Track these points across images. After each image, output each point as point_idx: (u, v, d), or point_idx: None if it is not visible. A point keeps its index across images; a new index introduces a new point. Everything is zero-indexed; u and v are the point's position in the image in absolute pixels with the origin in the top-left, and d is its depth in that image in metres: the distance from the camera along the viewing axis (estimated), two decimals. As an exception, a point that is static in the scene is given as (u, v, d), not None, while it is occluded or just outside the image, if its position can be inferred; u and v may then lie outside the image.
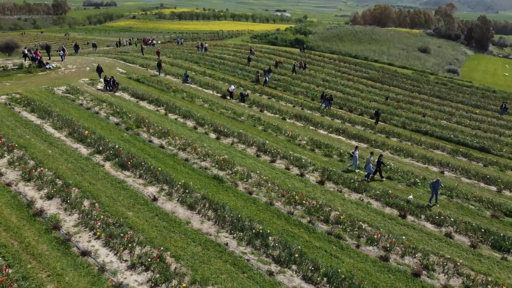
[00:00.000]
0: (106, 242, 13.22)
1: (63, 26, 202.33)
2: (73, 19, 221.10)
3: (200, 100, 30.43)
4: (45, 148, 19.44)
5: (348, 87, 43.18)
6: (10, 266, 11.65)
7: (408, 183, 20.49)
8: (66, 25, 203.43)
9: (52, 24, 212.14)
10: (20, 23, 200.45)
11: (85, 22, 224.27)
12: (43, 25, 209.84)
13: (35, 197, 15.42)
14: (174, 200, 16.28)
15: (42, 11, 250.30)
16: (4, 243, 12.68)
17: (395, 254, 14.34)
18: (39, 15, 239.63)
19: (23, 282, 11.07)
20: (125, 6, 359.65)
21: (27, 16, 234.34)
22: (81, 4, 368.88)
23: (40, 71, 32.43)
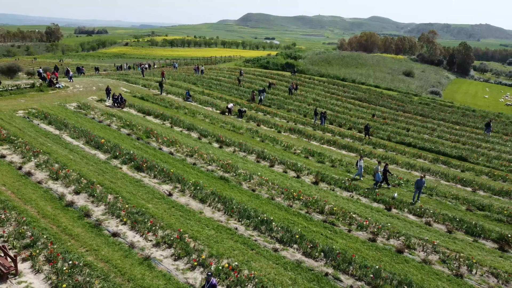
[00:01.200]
0: (132, 226, 15.25)
1: (56, 53, 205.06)
2: (66, 45, 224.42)
3: (201, 116, 32.83)
4: (67, 154, 21.53)
5: (337, 106, 46.05)
6: (54, 243, 13.60)
7: (393, 184, 22.88)
8: (59, 52, 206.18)
9: (45, 51, 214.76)
10: (13, 49, 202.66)
11: (78, 49, 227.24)
12: (36, 51, 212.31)
13: (64, 192, 17.44)
14: (187, 196, 18.41)
15: (35, 38, 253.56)
16: (44, 227, 14.64)
17: (382, 237, 16.55)
18: (32, 42, 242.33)
19: (67, 255, 13.00)
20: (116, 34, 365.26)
21: (20, 43, 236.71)
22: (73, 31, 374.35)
23: (50, 90, 34.69)
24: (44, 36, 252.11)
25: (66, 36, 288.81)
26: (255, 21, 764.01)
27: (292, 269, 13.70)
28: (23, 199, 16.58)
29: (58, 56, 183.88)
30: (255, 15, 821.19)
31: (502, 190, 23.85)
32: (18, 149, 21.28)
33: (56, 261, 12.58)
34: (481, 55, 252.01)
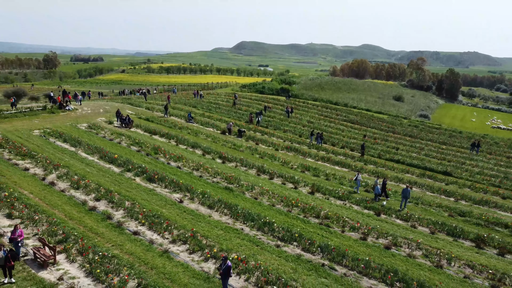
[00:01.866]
0: (150, 227, 17.15)
1: (54, 79, 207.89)
2: (63, 72, 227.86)
3: (203, 135, 35.01)
4: (84, 167, 23.51)
5: (330, 127, 48.54)
6: (83, 239, 15.44)
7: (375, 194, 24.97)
8: (56, 78, 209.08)
9: (42, 77, 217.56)
10: (11, 76, 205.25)
11: (75, 76, 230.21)
12: (34, 78, 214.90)
13: (86, 199, 19.37)
14: (196, 203, 20.38)
15: (33, 65, 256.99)
16: (73, 226, 16.51)
17: (371, 237, 18.55)
18: (30, 69, 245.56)
19: (96, 248, 14.85)
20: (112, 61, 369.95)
21: (18, 70, 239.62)
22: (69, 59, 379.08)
23: (61, 112, 36.83)
24: (41, 64, 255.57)
25: (63, 64, 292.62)
26: (249, 49, 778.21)
27: (293, 261, 15.62)
28: (50, 204, 18.46)
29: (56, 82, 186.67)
30: (248, 43, 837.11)
31: (482, 200, 26.07)
32: (40, 163, 23.23)
33: (87, 253, 14.43)
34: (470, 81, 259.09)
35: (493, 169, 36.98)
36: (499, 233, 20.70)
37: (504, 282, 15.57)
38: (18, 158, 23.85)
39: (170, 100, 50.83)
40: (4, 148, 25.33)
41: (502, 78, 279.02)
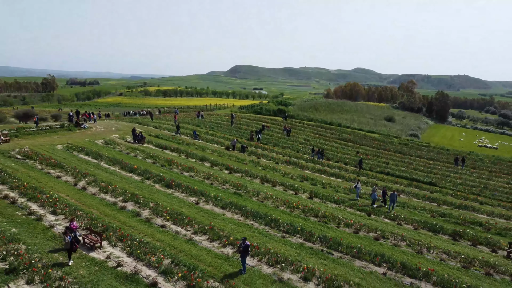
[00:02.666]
0: (174, 222, 20.08)
1: (52, 102, 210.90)
2: (61, 96, 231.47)
3: (209, 150, 38.15)
4: (108, 176, 26.49)
5: (325, 145, 51.91)
6: (120, 231, 18.33)
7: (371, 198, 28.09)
8: (55, 101, 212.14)
9: (40, 100, 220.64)
10: (10, 99, 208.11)
11: (73, 99, 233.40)
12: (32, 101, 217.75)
13: (115, 201, 22.31)
14: (210, 204, 23.36)
15: (31, 89, 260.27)
16: (108, 221, 19.40)
17: (363, 231, 21.58)
18: (28, 92, 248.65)
19: (133, 236, 17.74)
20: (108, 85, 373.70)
21: (16, 93, 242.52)
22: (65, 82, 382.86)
23: (77, 129, 39.90)
24: (39, 87, 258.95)
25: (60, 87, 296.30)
26: (243, 72, 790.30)
27: (296, 247, 18.60)
28: (86, 204, 21.37)
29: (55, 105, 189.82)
30: (243, 67, 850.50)
31: (462, 205, 29.31)
32: (69, 172, 26.18)
33: (126, 239, 17.31)
34: (460, 103, 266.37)
35: (475, 181, 40.34)
36: (474, 230, 23.83)
37: (473, 264, 18.62)
38: (49, 168, 26.79)
39: (177, 119, 54.12)
40: (35, 160, 28.28)
41: (491, 100, 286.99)
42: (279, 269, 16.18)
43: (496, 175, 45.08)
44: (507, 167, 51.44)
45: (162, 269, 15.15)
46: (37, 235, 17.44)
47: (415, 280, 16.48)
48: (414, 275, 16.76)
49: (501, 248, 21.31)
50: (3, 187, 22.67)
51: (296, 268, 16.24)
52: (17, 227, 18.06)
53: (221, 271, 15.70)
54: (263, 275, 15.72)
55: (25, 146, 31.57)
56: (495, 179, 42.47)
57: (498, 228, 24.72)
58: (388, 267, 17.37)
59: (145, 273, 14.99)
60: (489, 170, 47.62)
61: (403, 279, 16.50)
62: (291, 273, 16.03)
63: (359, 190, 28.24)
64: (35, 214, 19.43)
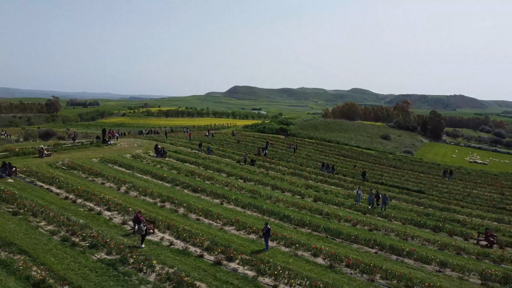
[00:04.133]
0: (206, 216, 24.75)
1: (57, 123, 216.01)
2: (65, 116, 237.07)
3: (223, 164, 42.98)
4: (143, 183, 31.23)
5: (325, 160, 56.75)
6: (166, 222, 22.95)
7: (368, 202, 32.82)
8: (59, 122, 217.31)
9: (44, 121, 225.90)
10: (15, 120, 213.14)
11: (77, 119, 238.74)
12: (37, 122, 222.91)
13: (155, 201, 27.02)
14: (232, 205, 28.07)
15: (35, 110, 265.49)
16: (155, 216, 24.05)
17: (359, 225, 26.27)
18: (32, 113, 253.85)
19: (179, 225, 22.37)
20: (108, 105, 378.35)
21: (21, 114, 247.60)
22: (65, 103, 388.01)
23: (105, 145, 44.77)
24: (44, 108, 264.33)
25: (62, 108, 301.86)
26: (242, 93, 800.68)
27: (306, 235, 23.28)
28: (132, 204, 26.03)
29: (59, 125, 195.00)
30: (241, 87, 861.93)
31: (445, 207, 34.06)
32: (110, 180, 30.91)
33: (172, 228, 21.96)
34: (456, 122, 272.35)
35: (460, 190, 45.12)
36: (452, 225, 28.54)
37: (448, 248, 23.29)
38: (92, 176, 31.53)
39: (191, 137, 59.15)
40: (78, 170, 33.05)
41: (486, 119, 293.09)
42: (294, 249, 20.83)
43: (481, 186, 49.87)
44: (492, 179, 56.34)
45: (205, 247, 19.81)
46: (101, 224, 22.08)
47: (400, 257, 21.15)
48: (399, 254, 21.44)
49: (472, 238, 26.02)
50: (61, 191, 27.35)
51: (307, 248, 20.89)
52: (84, 219, 22.68)
53: (249, 249, 20.34)
54: (282, 252, 20.39)
55: (66, 159, 36.36)
56: (478, 189, 47.25)
57: (473, 224, 29.47)
58: (379, 248, 22.06)
59: (193, 249, 19.64)
60: (475, 182, 52.43)
61: (390, 256, 21.18)
62: (303, 251, 20.69)
63: (360, 195, 32.92)
64: (94, 210, 24.10)
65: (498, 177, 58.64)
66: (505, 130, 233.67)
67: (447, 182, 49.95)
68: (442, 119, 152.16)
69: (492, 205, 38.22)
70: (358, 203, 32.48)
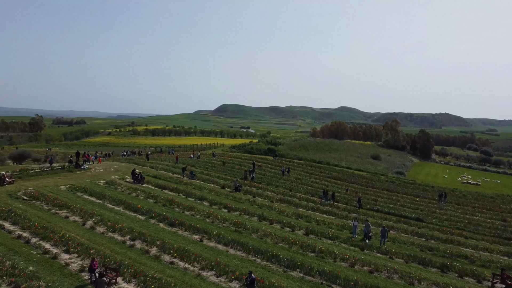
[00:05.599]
0: (181, 258, 21.33)
1: (40, 142, 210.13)
2: (49, 135, 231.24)
3: (207, 190, 39.61)
4: (114, 215, 27.71)
5: (316, 183, 53.80)
6: (133, 268, 19.51)
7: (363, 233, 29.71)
8: (42, 141, 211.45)
9: (27, 140, 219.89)
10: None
11: (61, 139, 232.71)
12: (19, 141, 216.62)
13: (124, 239, 23.51)
14: (213, 241, 24.68)
15: (18, 129, 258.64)
16: (120, 259, 20.57)
17: (358, 265, 23.09)
18: (15, 132, 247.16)
19: (145, 272, 18.94)
20: (95, 124, 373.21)
21: (3, 133, 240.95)
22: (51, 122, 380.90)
23: (77, 170, 41.14)
24: (27, 126, 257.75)
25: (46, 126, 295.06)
26: (230, 111, 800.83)
27: (298, 281, 20.01)
28: (97, 243, 22.52)
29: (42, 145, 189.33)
30: (230, 106, 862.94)
31: (448, 239, 31.13)
32: (76, 212, 27.34)
33: (139, 276, 18.51)
34: (443, 140, 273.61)
35: (460, 216, 42.41)
36: (460, 262, 25.54)
37: (461, 294, 20.22)
38: (56, 209, 27.92)
39: (179, 160, 55.73)
40: (41, 200, 29.41)
41: (472, 137, 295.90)
42: (284, 301, 17.54)
43: (479, 211, 47.30)
44: (489, 202, 53.89)
45: (177, 302, 16.40)
46: (55, 272, 18.54)
47: (408, 309, 17.99)
48: (407, 304, 18.28)
49: (485, 279, 23.02)
50: (15, 228, 23.72)
51: (299, 300, 17.62)
52: (34, 265, 19.12)
53: (231, 303, 16.98)
54: (270, 306, 17.06)
55: (30, 187, 32.67)
56: (478, 215, 44.62)
57: (483, 260, 26.51)
58: (383, 297, 18.87)
59: (162, 306, 16.21)
60: (473, 206, 49.86)
61: (397, 308, 17.99)
62: (295, 304, 17.40)
63: (356, 227, 29.82)
64: (49, 253, 20.53)
65: (495, 200, 56.26)
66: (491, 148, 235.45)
67: (445, 207, 47.26)
68: (431, 138, 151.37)
69: (496, 234, 35.48)
70: (354, 236, 29.34)
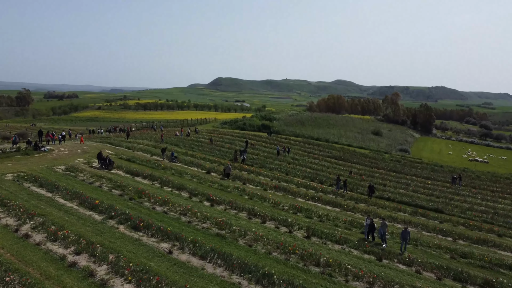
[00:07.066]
0: (137, 285, 15.41)
1: (27, 117, 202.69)
2: (37, 110, 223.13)
3: (188, 176, 33.59)
4: (62, 216, 21.63)
5: (315, 164, 47.96)
6: (63, 303, 13.61)
7: (378, 236, 23.94)
8: (30, 116, 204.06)
9: (14, 115, 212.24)
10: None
11: (49, 113, 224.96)
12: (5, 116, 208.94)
13: (65, 253, 17.49)
14: (186, 253, 18.75)
15: (4, 103, 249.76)
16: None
17: (378, 286, 17.32)
18: (1, 107, 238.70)
19: (78, 314, 13.05)
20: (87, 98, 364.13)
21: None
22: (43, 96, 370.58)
23: (36, 153, 34.82)
24: (14, 101, 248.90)
25: (36, 101, 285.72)
26: (225, 85, 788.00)
27: (299, 319, 14.18)
28: (24, 261, 16.53)
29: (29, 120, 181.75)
30: (224, 79, 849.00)
31: (479, 239, 25.44)
32: (12, 212, 21.25)
33: (68, 321, 12.61)
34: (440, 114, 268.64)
35: (481, 204, 36.93)
36: (505, 276, 19.88)
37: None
38: (-12, 207, 21.80)
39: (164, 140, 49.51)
40: (-28, 195, 23.24)
41: (470, 111, 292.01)
42: None
43: (500, 196, 41.84)
44: (507, 185, 48.50)
45: None
46: None
47: None
48: None
49: (547, 304, 17.41)
50: None
51: None
52: None
53: None
54: None
55: (-34, 177, 26.47)
56: (501, 201, 39.12)
57: (532, 272, 20.89)
58: None
59: None
60: (491, 190, 44.42)
61: None
62: None
63: (367, 226, 24.03)
64: (-51, 281, 14.56)
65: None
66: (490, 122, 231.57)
67: (461, 191, 41.69)
68: (433, 113, 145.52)
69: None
70: (367, 239, 23.60)
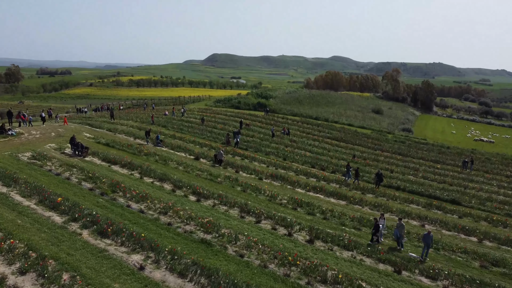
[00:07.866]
0: (93, 319, 11.81)
1: (16, 94, 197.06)
2: (27, 87, 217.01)
3: (174, 163, 29.78)
4: (14, 218, 17.83)
5: (315, 146, 44.26)
6: None
7: (394, 238, 20.43)
8: (19, 93, 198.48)
9: (3, 92, 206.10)
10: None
11: (40, 90, 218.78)
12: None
13: (6, 272, 13.78)
14: (162, 268, 15.10)
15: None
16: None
17: (400, 312, 13.85)
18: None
19: None
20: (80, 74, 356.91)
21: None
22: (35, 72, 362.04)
23: (1, 137, 30.78)
24: (3, 78, 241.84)
25: (27, 77, 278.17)
26: (221, 61, 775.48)
27: None
28: (-51, 286, 12.85)
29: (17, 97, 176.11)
30: (220, 55, 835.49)
31: (508, 239, 21.98)
32: (-49, 215, 17.46)
33: None
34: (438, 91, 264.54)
35: (499, 192, 33.50)
36: (551, 292, 16.48)
37: None
38: None
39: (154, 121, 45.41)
40: None
41: (468, 88, 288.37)
42: None
43: (517, 182, 38.47)
44: (521, 169, 45.10)
45: None
46: None
47: None
48: None
49: None
50: None
51: None
52: None
53: None
54: None
55: None
56: (519, 189, 35.74)
57: None
58: None
59: None
60: (506, 175, 40.96)
61: None
62: None
63: (383, 228, 20.48)
64: None
65: (525, 165, 47.47)
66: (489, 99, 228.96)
67: (474, 177, 38.25)
68: (434, 90, 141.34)
69: None
70: (381, 240, 20.10)
